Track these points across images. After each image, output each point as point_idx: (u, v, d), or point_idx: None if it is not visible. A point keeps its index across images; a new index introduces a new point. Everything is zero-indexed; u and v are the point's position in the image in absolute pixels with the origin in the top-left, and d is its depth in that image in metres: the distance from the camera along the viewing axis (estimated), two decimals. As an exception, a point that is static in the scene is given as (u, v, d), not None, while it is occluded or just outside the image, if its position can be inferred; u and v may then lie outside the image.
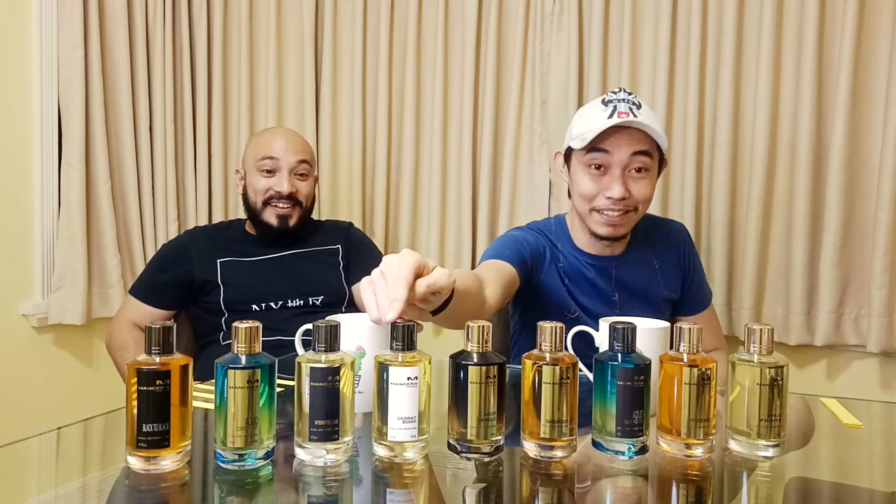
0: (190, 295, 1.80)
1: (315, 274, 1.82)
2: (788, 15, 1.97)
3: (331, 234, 1.90)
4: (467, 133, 2.27)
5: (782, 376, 0.85)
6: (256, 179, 1.79)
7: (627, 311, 1.45)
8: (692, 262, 1.58)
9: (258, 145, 1.82)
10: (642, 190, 1.37)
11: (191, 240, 1.84)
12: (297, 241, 1.84)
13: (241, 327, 0.79)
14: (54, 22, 2.07)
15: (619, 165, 1.35)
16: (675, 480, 0.81)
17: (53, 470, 0.85)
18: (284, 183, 1.77)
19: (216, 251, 1.80)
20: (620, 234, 1.42)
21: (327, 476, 0.78)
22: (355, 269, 1.84)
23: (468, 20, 2.26)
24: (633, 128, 1.34)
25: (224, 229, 1.91)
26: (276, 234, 1.80)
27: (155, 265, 1.83)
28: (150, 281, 1.81)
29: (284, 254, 1.83)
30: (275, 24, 2.37)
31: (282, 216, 1.78)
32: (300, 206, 1.81)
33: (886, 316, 1.88)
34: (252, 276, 1.79)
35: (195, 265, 1.78)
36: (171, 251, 1.83)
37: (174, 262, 1.80)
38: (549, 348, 0.83)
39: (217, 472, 0.78)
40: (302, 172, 1.81)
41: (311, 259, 1.84)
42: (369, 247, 1.94)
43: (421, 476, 0.79)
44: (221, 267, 1.78)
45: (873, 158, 1.91)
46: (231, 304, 1.76)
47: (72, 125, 2.08)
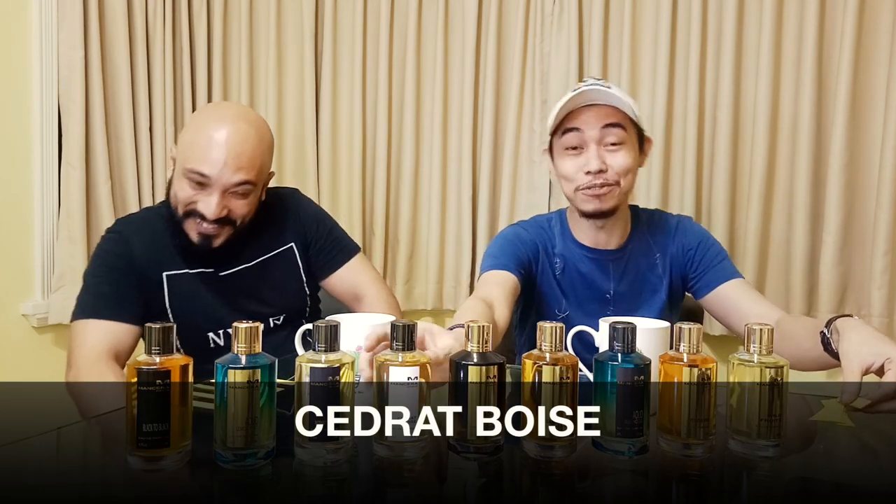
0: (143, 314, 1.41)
1: (271, 291, 1.50)
2: (788, 14, 1.97)
3: (279, 229, 1.53)
4: (467, 133, 2.27)
5: (782, 376, 0.85)
6: (181, 185, 1.37)
7: (622, 307, 1.45)
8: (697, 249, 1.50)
9: (193, 143, 1.37)
10: (619, 160, 1.38)
11: (126, 246, 1.44)
12: (234, 252, 1.46)
13: (241, 327, 0.79)
14: (54, 22, 2.07)
15: (592, 141, 1.37)
16: (675, 480, 0.81)
17: (53, 470, 0.85)
18: (213, 206, 1.35)
19: (157, 259, 1.43)
20: (607, 207, 1.40)
21: (327, 476, 0.78)
22: (320, 263, 1.55)
23: (468, 20, 2.26)
24: (602, 105, 1.36)
25: (159, 227, 1.46)
26: (201, 250, 1.42)
27: (104, 276, 1.43)
28: (96, 292, 1.41)
29: (231, 272, 1.47)
30: (275, 24, 2.37)
31: (204, 235, 1.39)
32: (232, 226, 1.40)
33: (886, 316, 1.88)
34: (202, 298, 1.45)
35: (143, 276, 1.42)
36: (109, 260, 1.45)
37: (120, 271, 1.42)
38: (549, 348, 0.83)
39: (217, 472, 0.78)
40: (242, 192, 1.38)
41: (263, 271, 1.50)
42: (327, 228, 1.58)
43: (421, 476, 0.79)
44: (168, 283, 1.43)
45: (873, 158, 1.91)
46: (186, 339, 1.23)
47: (72, 125, 2.08)
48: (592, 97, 1.36)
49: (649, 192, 2.11)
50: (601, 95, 1.36)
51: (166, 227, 1.44)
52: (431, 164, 2.32)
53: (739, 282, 1.45)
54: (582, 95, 1.35)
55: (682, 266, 1.51)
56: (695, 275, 1.50)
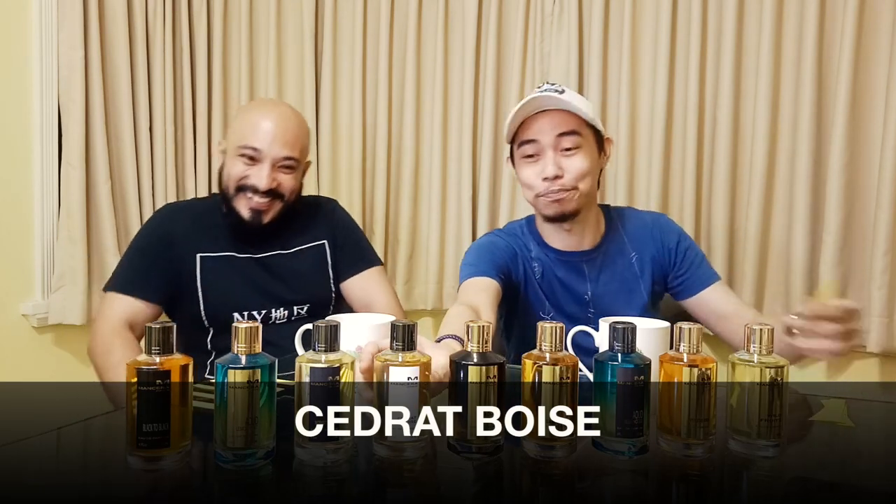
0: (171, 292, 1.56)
1: (300, 280, 1.61)
2: (788, 15, 1.97)
3: (315, 225, 1.67)
4: (467, 133, 2.27)
5: (782, 376, 0.85)
6: (234, 163, 1.54)
7: (602, 308, 1.45)
8: (677, 249, 1.52)
9: (243, 126, 1.56)
10: (575, 165, 1.38)
11: (171, 224, 1.60)
12: (276, 236, 1.61)
13: (240, 327, 0.79)
14: (54, 22, 2.07)
15: (549, 147, 1.38)
16: (675, 480, 0.81)
17: (53, 470, 0.85)
18: (264, 177, 1.52)
19: (196, 239, 1.57)
20: (568, 210, 1.41)
21: (327, 476, 0.78)
22: (343, 264, 1.66)
23: (468, 20, 2.26)
24: (555, 111, 1.36)
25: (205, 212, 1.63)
26: (248, 228, 1.56)
27: (140, 254, 1.59)
28: (129, 268, 1.57)
29: (266, 255, 1.60)
30: (275, 24, 2.37)
31: (255, 210, 1.54)
32: (280, 200, 1.56)
33: (886, 316, 1.88)
34: (233, 278, 1.57)
35: (178, 255, 1.56)
36: (151, 238, 1.60)
37: (157, 250, 1.57)
38: (549, 348, 0.83)
39: (217, 472, 0.78)
40: (288, 166, 1.55)
41: (295, 260, 1.62)
42: (357, 236, 1.73)
43: (421, 476, 0.79)
44: (201, 263, 1.56)
45: (873, 158, 1.91)
46: (215, 315, 1.53)
47: (72, 125, 2.08)
48: (544, 103, 1.36)
49: (649, 192, 2.11)
50: (553, 101, 1.35)
51: (214, 211, 1.60)
52: (431, 164, 2.32)
53: (719, 284, 1.51)
54: (533, 102, 1.35)
55: (662, 265, 1.51)
56: (677, 276, 1.51)
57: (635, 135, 2.14)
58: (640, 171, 2.14)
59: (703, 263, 1.53)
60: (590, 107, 1.42)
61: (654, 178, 2.10)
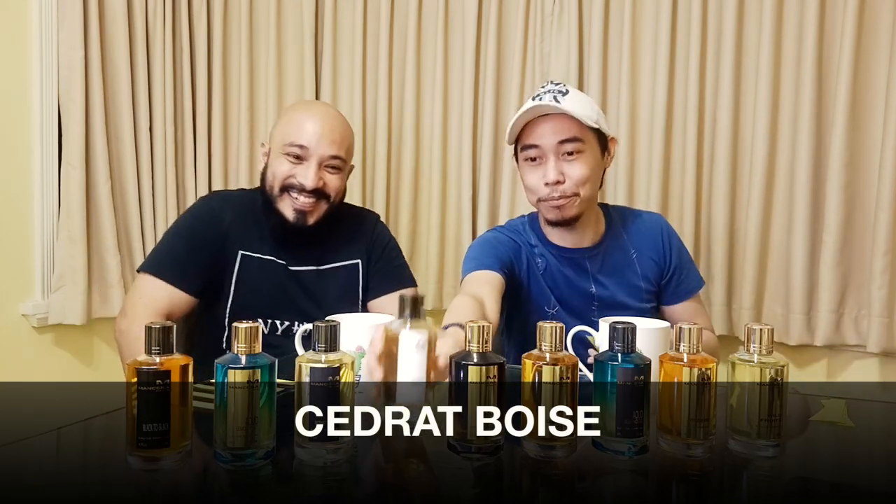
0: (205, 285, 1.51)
1: (329, 300, 1.55)
2: (788, 15, 1.97)
3: (353, 241, 1.62)
4: (467, 132, 2.27)
5: (782, 376, 0.85)
6: (280, 162, 1.50)
7: (607, 302, 1.46)
8: (671, 253, 1.55)
9: (288, 125, 1.52)
10: (576, 171, 1.39)
11: (222, 213, 1.54)
12: (316, 244, 1.57)
13: (241, 327, 0.79)
14: (54, 22, 2.07)
15: (550, 152, 1.39)
16: (675, 480, 0.81)
17: (53, 470, 0.85)
18: (310, 176, 1.47)
19: (242, 235, 1.52)
20: (569, 215, 1.42)
21: (327, 476, 0.78)
22: (374, 283, 1.61)
23: (468, 20, 2.26)
24: (557, 115, 1.37)
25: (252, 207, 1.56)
26: (290, 230, 1.52)
27: (185, 240, 1.52)
28: (179, 258, 1.49)
29: (300, 269, 1.55)
30: (275, 24, 2.37)
31: (300, 211, 1.49)
32: (326, 200, 1.51)
33: (886, 316, 1.88)
34: (266, 284, 1.53)
35: (225, 248, 1.50)
36: (200, 225, 1.53)
37: (206, 239, 1.50)
38: (549, 348, 0.83)
39: (217, 473, 0.78)
40: (334, 166, 1.51)
41: (327, 280, 1.58)
42: (392, 255, 1.66)
43: (421, 476, 0.79)
44: (241, 261, 1.51)
45: (873, 158, 1.91)
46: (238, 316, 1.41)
47: (72, 125, 2.08)
48: (545, 110, 1.37)
49: (649, 192, 2.11)
50: (553, 109, 1.36)
51: (260, 208, 1.55)
52: (431, 164, 2.32)
53: (698, 296, 1.58)
54: (535, 108, 1.37)
55: (660, 264, 1.53)
56: (669, 279, 1.54)
57: (635, 135, 2.14)
58: (640, 171, 2.14)
59: (691, 270, 1.57)
60: (593, 107, 1.42)
61: (654, 178, 2.10)
